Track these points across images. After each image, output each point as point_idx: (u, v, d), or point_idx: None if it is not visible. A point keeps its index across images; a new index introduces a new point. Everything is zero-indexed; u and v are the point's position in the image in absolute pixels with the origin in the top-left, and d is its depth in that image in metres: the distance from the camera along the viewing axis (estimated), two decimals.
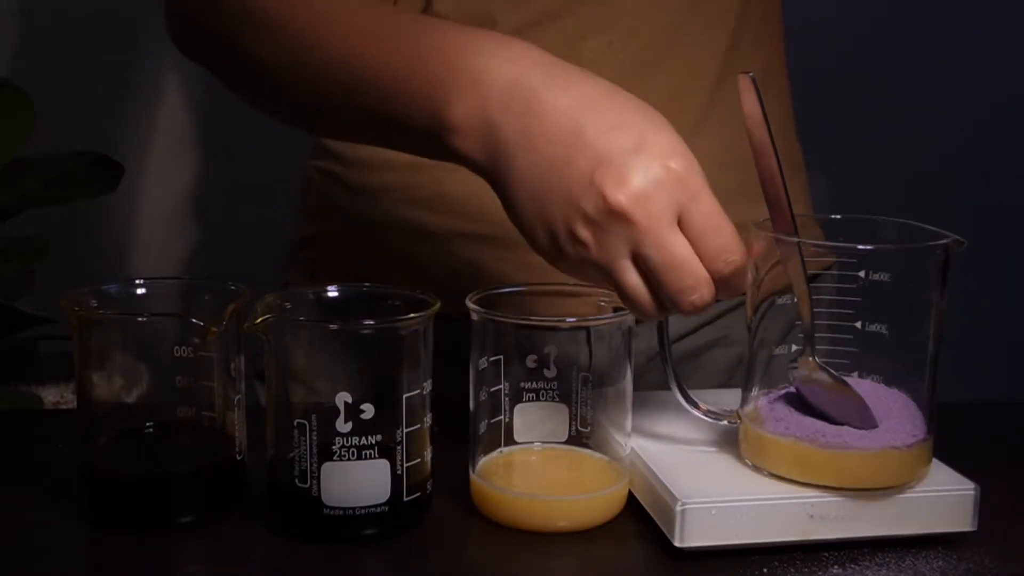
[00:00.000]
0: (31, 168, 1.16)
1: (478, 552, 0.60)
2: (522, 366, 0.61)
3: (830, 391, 0.59)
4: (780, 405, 0.61)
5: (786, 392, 0.62)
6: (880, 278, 0.58)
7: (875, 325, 0.59)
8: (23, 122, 1.13)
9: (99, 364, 0.61)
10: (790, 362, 0.60)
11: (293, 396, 0.59)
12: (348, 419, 0.57)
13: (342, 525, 0.58)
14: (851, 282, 0.58)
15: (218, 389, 0.61)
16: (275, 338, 0.58)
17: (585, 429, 0.63)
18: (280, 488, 0.59)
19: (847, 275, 0.58)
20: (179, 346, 0.60)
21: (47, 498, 0.63)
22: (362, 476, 0.57)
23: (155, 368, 0.61)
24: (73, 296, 0.60)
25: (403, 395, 0.58)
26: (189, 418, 0.61)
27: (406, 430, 0.58)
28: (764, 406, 0.61)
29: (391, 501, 0.58)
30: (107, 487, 0.60)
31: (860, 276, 0.58)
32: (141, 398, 0.62)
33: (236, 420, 0.61)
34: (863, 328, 0.59)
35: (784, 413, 0.60)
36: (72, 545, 0.60)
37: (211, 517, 0.61)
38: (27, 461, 0.70)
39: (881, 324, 0.59)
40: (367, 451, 0.57)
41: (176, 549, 0.58)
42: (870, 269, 0.58)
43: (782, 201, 0.59)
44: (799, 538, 0.58)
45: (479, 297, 0.62)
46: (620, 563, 0.59)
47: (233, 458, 0.61)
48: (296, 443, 0.57)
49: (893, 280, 0.58)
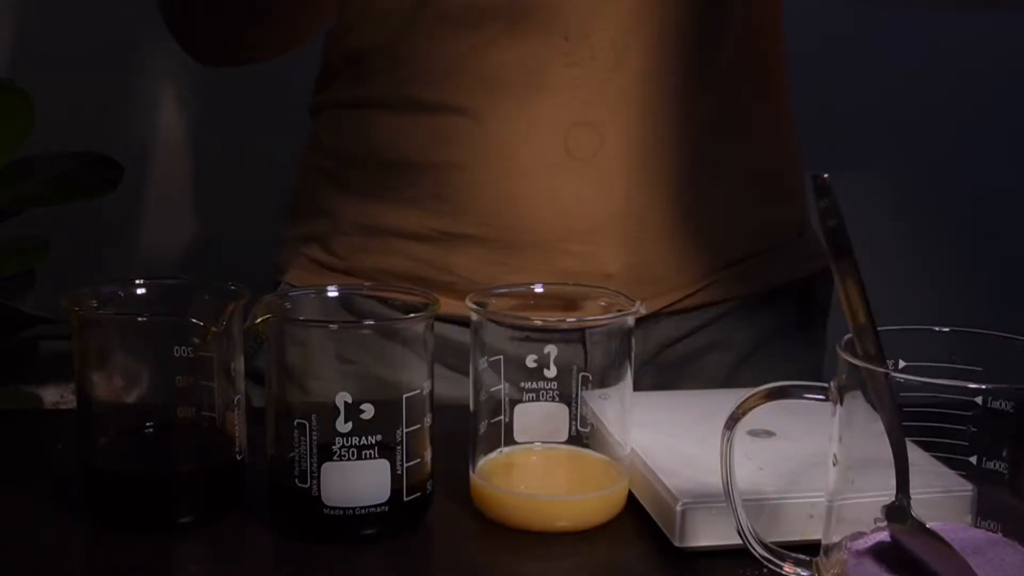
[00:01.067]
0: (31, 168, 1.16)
1: (478, 552, 0.60)
2: (522, 366, 0.61)
3: (929, 547, 0.49)
4: (869, 561, 0.50)
5: (876, 544, 0.51)
6: (1001, 407, 0.48)
7: (993, 463, 0.49)
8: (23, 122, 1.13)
9: (99, 364, 0.61)
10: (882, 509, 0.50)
11: (293, 396, 0.59)
12: (348, 419, 0.57)
13: (342, 525, 0.58)
14: (965, 409, 0.48)
15: (218, 389, 0.61)
16: (275, 338, 0.58)
17: (585, 429, 0.63)
18: (280, 488, 0.59)
19: (961, 400, 0.48)
20: (179, 346, 0.60)
21: (47, 498, 0.63)
22: (362, 476, 0.57)
23: (155, 368, 0.61)
24: (73, 296, 0.60)
25: (403, 395, 0.58)
26: (189, 418, 0.61)
27: (406, 430, 0.58)
28: (849, 561, 0.51)
29: (391, 501, 0.58)
30: (107, 487, 0.60)
31: (977, 403, 0.48)
32: (141, 398, 0.62)
33: (236, 420, 0.61)
34: (979, 465, 0.49)
35: (874, 572, 0.50)
36: (72, 545, 0.60)
37: (211, 517, 0.61)
38: (27, 461, 0.70)
39: (1000, 462, 0.49)
40: (367, 451, 0.57)
41: (176, 549, 0.58)
42: (989, 396, 0.48)
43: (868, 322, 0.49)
44: (799, 538, 0.58)
45: (479, 298, 0.62)
46: (620, 563, 0.59)
47: (233, 458, 0.61)
48: (296, 443, 0.57)
49: (1017, 411, 0.48)
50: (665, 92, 0.78)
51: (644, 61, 0.77)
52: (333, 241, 0.84)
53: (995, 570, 0.49)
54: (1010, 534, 0.50)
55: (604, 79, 0.77)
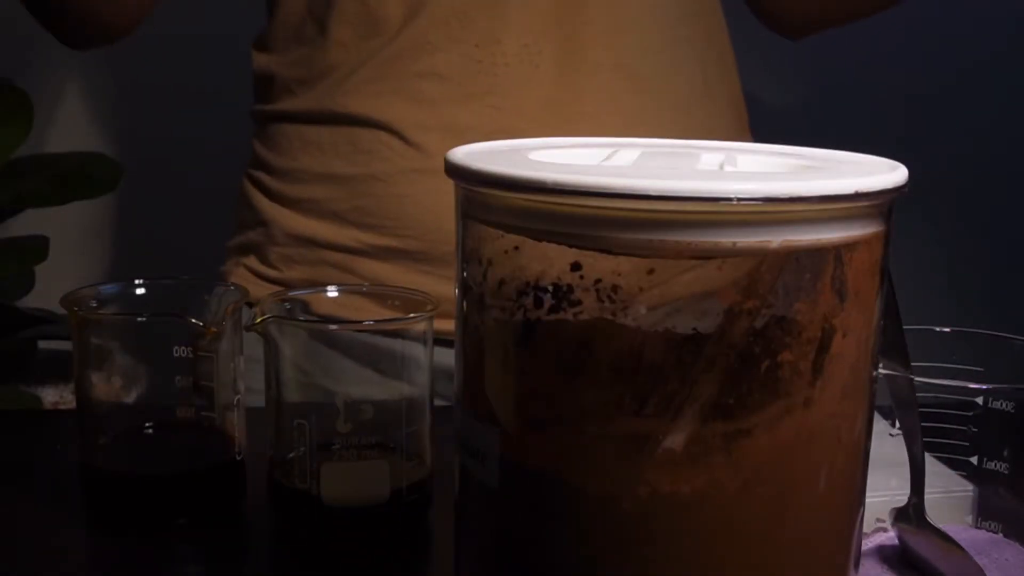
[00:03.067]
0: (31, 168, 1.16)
1: None
2: None
3: (938, 549, 0.49)
4: (871, 562, 0.51)
5: (877, 546, 0.52)
6: (1001, 407, 0.48)
7: (994, 463, 0.50)
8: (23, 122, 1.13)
9: (99, 364, 0.61)
10: (890, 511, 0.51)
11: (293, 396, 0.59)
12: (348, 419, 0.57)
13: (342, 525, 0.57)
14: (966, 409, 0.49)
15: (218, 389, 0.61)
16: (275, 338, 0.58)
17: None
18: (280, 488, 0.59)
19: (961, 400, 0.49)
20: (179, 346, 0.60)
21: (47, 498, 0.63)
22: (362, 476, 0.57)
23: (155, 368, 0.61)
24: (73, 296, 0.60)
25: (403, 395, 0.58)
26: (189, 418, 0.61)
27: (406, 430, 0.58)
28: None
29: (391, 501, 0.58)
30: (107, 487, 0.60)
31: (977, 403, 0.49)
32: (141, 398, 0.62)
33: (236, 420, 0.61)
34: (980, 465, 0.50)
35: (876, 573, 0.50)
36: (71, 545, 0.59)
37: (211, 517, 0.60)
38: (27, 461, 0.69)
39: (1001, 462, 0.50)
40: (367, 451, 0.57)
41: (176, 549, 0.58)
42: (990, 396, 0.49)
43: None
44: None
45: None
46: None
47: (233, 458, 0.61)
48: (296, 443, 0.57)
49: (1018, 411, 0.48)
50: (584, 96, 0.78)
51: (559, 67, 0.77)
52: (268, 251, 0.84)
53: (997, 571, 0.49)
54: (1011, 534, 0.50)
55: (520, 86, 0.77)
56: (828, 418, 0.37)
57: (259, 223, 0.85)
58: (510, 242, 0.37)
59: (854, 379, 0.37)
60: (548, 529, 0.37)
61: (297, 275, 0.82)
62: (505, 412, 0.38)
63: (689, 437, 0.35)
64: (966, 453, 0.50)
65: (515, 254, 0.37)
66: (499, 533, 0.39)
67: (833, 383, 0.36)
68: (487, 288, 0.38)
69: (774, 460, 0.36)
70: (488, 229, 0.38)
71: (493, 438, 0.38)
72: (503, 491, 0.38)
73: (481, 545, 0.40)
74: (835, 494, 0.38)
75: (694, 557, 0.36)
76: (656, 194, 0.33)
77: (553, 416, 0.37)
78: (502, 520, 0.39)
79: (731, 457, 0.36)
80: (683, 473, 0.35)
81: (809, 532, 0.38)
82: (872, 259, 0.37)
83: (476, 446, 0.39)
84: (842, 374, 0.37)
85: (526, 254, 0.37)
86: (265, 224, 0.84)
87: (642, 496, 0.35)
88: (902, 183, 0.37)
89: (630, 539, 0.36)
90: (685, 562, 0.36)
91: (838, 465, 0.37)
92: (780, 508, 0.36)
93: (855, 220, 0.36)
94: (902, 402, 0.48)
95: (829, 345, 0.36)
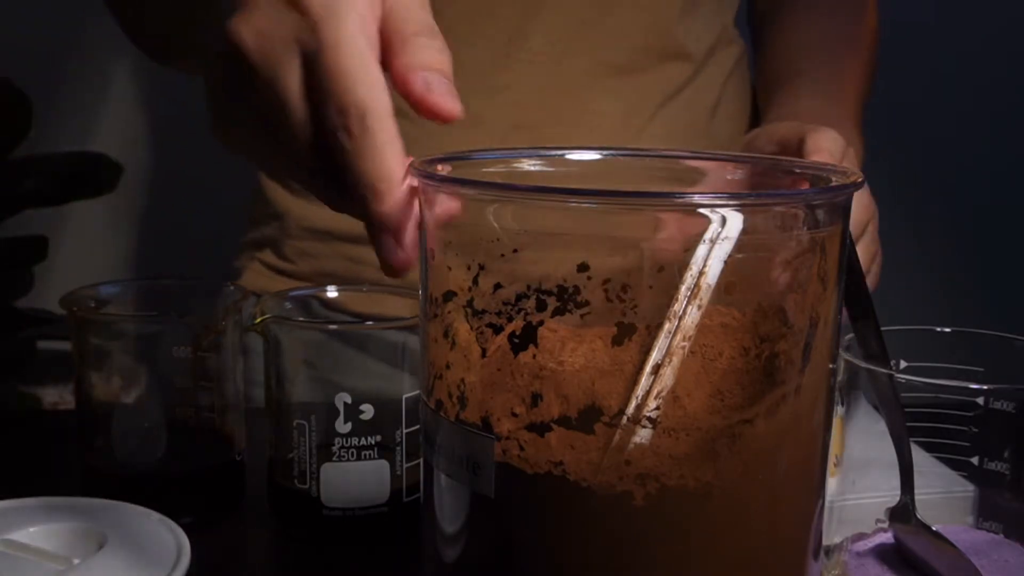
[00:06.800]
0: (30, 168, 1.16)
1: None
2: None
3: (931, 547, 0.49)
4: (871, 562, 0.50)
5: (877, 545, 0.51)
6: (1002, 407, 0.47)
7: (995, 463, 0.49)
8: (22, 122, 1.13)
9: (98, 364, 0.60)
10: (885, 511, 0.50)
11: (292, 396, 0.59)
12: (348, 419, 0.57)
13: (342, 525, 0.57)
14: (966, 409, 0.48)
15: (217, 389, 0.61)
16: (275, 338, 0.58)
17: None
18: (280, 488, 0.59)
19: (962, 400, 0.48)
20: (178, 346, 0.60)
21: None
22: (362, 476, 0.57)
23: (154, 368, 0.61)
24: (72, 296, 0.60)
25: (403, 395, 0.58)
26: (188, 418, 0.61)
27: (406, 430, 0.58)
28: (851, 562, 0.51)
29: (391, 501, 0.58)
30: (107, 487, 0.60)
31: (978, 403, 0.48)
32: (140, 398, 0.62)
33: (235, 420, 0.61)
34: (980, 466, 0.49)
35: (875, 573, 0.50)
36: None
37: (211, 517, 0.60)
38: (27, 461, 0.69)
39: (1002, 463, 0.49)
40: (367, 451, 0.57)
41: None
42: (991, 397, 0.47)
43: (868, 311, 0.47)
44: None
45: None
46: None
47: (232, 458, 0.61)
48: (296, 443, 0.57)
49: (1019, 412, 0.47)
50: (606, 96, 0.78)
51: (581, 67, 0.77)
52: (284, 245, 0.84)
53: (998, 572, 0.48)
54: (1012, 535, 0.50)
55: (542, 82, 0.77)
56: (812, 403, 0.38)
57: (274, 216, 0.85)
58: (507, 245, 0.37)
59: (824, 365, 0.38)
60: (555, 532, 0.37)
61: (312, 268, 0.82)
62: (502, 418, 0.37)
63: (696, 430, 0.36)
64: (967, 453, 0.49)
65: (513, 257, 0.37)
66: (500, 542, 0.39)
67: (815, 369, 0.38)
68: (477, 292, 0.38)
69: (771, 447, 0.37)
70: (481, 231, 0.38)
71: (488, 446, 0.37)
72: (501, 499, 0.38)
73: (481, 558, 0.40)
74: (813, 476, 0.39)
75: (700, 548, 0.37)
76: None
77: (554, 417, 0.37)
78: (503, 528, 0.38)
79: (734, 447, 0.36)
80: (690, 466, 0.36)
81: (799, 514, 0.39)
82: (837, 250, 0.39)
83: (465, 455, 0.38)
84: (821, 360, 0.38)
85: (526, 256, 0.37)
86: (280, 217, 0.84)
87: (651, 491, 0.36)
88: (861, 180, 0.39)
89: (639, 536, 0.36)
90: (692, 553, 0.37)
91: (815, 448, 0.39)
92: (776, 493, 0.37)
93: (834, 212, 0.38)
94: (886, 400, 0.48)
95: (815, 333, 0.37)
